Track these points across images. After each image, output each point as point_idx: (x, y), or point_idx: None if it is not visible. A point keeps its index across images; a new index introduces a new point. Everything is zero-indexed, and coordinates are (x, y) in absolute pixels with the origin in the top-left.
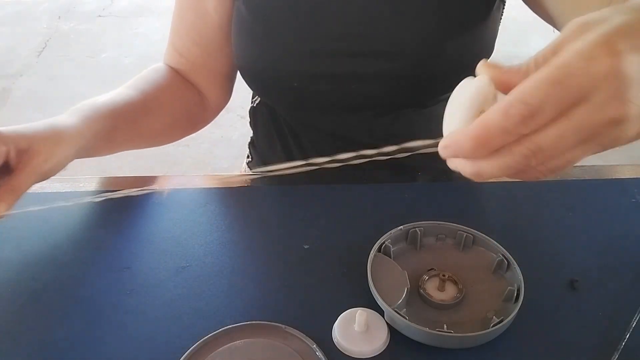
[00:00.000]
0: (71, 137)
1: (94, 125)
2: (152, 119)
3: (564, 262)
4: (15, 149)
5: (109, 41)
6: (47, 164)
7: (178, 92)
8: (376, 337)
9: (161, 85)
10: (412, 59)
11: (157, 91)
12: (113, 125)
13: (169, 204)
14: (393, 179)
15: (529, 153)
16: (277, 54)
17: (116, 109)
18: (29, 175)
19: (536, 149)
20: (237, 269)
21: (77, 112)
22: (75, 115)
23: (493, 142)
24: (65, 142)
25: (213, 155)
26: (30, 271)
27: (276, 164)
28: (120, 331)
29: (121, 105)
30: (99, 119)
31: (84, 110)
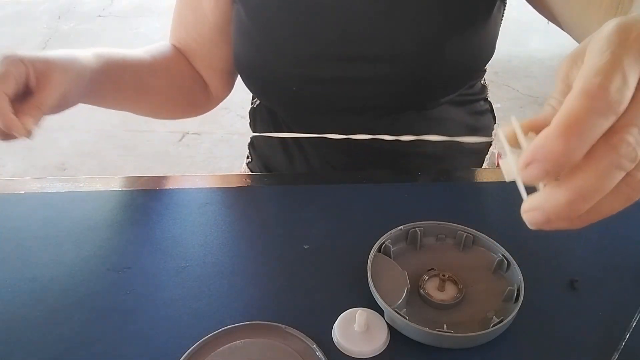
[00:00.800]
0: (84, 67)
1: (105, 65)
2: (158, 81)
3: (564, 262)
4: (34, 70)
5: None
6: (64, 85)
7: (183, 65)
8: (376, 337)
9: (168, 57)
10: (411, 62)
11: (165, 60)
12: (123, 74)
13: (169, 204)
14: (393, 179)
15: (633, 139)
16: (276, 58)
17: (127, 61)
18: (50, 92)
19: (637, 132)
20: (237, 269)
21: (91, 51)
22: (90, 52)
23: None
24: (80, 69)
25: (213, 155)
26: (30, 271)
27: (275, 164)
28: (120, 331)
29: (132, 60)
30: (110, 61)
31: (100, 52)
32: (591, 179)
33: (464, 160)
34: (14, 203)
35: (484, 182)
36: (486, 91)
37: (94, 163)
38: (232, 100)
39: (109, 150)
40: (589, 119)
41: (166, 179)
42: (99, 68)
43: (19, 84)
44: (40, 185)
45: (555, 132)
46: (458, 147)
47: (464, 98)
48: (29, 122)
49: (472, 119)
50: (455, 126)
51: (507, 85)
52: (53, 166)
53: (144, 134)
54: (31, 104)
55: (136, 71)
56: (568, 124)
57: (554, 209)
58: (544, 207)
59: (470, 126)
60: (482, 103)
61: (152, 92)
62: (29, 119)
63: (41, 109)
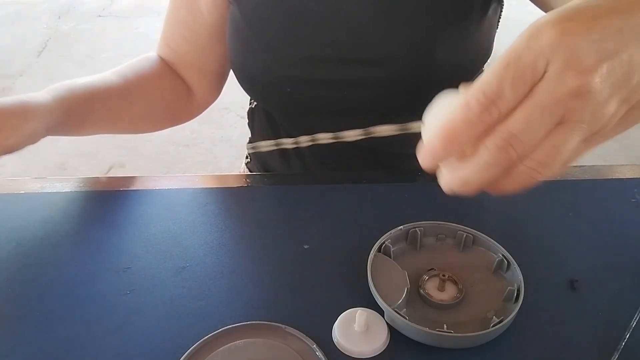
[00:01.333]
0: (40, 113)
1: (67, 104)
2: (130, 106)
3: (564, 262)
4: None
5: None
6: (11, 139)
7: (162, 82)
8: (376, 337)
9: (145, 74)
10: (403, 64)
11: (139, 79)
12: (88, 107)
13: (169, 204)
14: (393, 179)
15: (503, 143)
16: (270, 60)
17: (93, 91)
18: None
19: (509, 137)
20: (237, 269)
21: (52, 91)
22: (49, 94)
23: (460, 136)
24: (33, 119)
25: (213, 155)
26: (30, 271)
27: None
28: (120, 331)
29: (99, 88)
30: (73, 98)
31: (59, 89)
32: (470, 170)
33: None
34: (14, 203)
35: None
36: None
37: (94, 163)
38: (232, 100)
39: (109, 150)
40: (464, 128)
41: (166, 179)
42: (60, 113)
43: None
44: (40, 185)
45: (437, 132)
46: None
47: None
48: None
49: None
50: None
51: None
52: (53, 166)
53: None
54: None
55: (105, 101)
56: (445, 129)
57: (446, 180)
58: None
59: None
60: None
61: (125, 117)
62: None
63: None
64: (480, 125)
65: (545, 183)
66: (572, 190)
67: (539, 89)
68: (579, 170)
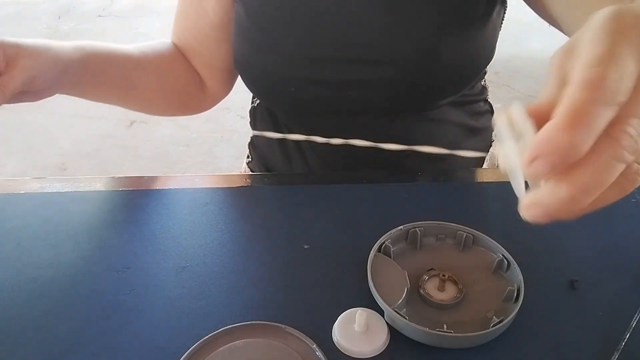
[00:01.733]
0: (60, 55)
1: (86, 56)
2: (145, 78)
3: (564, 262)
4: (4, 54)
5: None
6: (32, 70)
7: (176, 66)
8: (376, 337)
9: (162, 55)
10: (408, 65)
11: (157, 57)
12: (105, 65)
13: (169, 204)
14: (393, 179)
15: (632, 130)
16: (275, 60)
17: (111, 53)
18: (15, 76)
19: (637, 122)
20: (237, 269)
21: (73, 43)
22: (71, 44)
23: (593, 120)
24: (53, 56)
25: (213, 155)
26: (30, 271)
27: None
28: (120, 331)
29: (118, 52)
30: (93, 53)
31: (81, 43)
32: (594, 173)
33: (464, 161)
34: (14, 203)
35: (484, 182)
36: (486, 92)
37: (94, 163)
38: (232, 100)
39: (109, 150)
40: (594, 109)
41: (166, 179)
42: (78, 59)
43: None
44: (40, 185)
45: (561, 124)
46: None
47: (463, 99)
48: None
49: (472, 119)
50: (454, 127)
51: (507, 86)
52: (53, 166)
53: (144, 134)
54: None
55: (121, 66)
56: (573, 116)
57: (556, 205)
58: (546, 203)
59: (470, 127)
60: (482, 104)
61: (139, 88)
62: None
63: (3, 92)
64: (612, 104)
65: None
66: None
67: None
68: None
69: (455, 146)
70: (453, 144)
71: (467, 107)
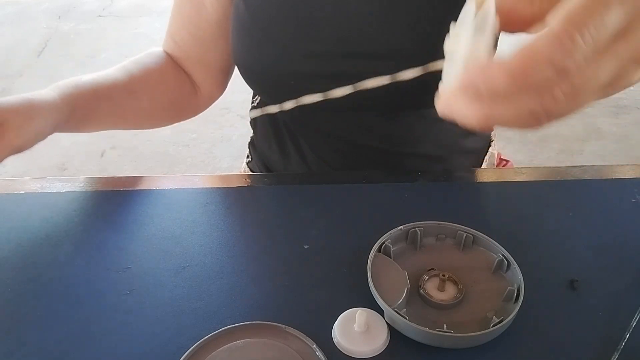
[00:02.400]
0: (47, 111)
1: (73, 102)
2: (135, 101)
3: (564, 262)
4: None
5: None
6: (19, 139)
7: (167, 77)
8: (376, 337)
9: (150, 69)
10: (409, 59)
11: (144, 74)
12: (94, 103)
13: (169, 204)
14: (393, 179)
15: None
16: (275, 54)
17: (99, 88)
18: (2, 149)
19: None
20: (237, 269)
21: (57, 88)
22: (55, 91)
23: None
24: (40, 117)
25: (213, 155)
26: (30, 271)
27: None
28: (120, 331)
29: (104, 84)
30: (79, 95)
31: (65, 86)
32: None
33: (463, 161)
34: (14, 203)
35: (484, 182)
36: None
37: (94, 163)
38: (232, 100)
39: (109, 150)
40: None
41: (166, 179)
42: (65, 110)
43: None
44: (40, 185)
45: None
46: (456, 147)
47: None
48: None
49: None
50: (453, 126)
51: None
52: (53, 166)
53: (144, 134)
54: None
55: (109, 98)
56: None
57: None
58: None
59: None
60: None
61: (131, 112)
62: None
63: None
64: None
65: (545, 183)
66: (572, 190)
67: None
68: (579, 170)
69: (454, 145)
70: (452, 143)
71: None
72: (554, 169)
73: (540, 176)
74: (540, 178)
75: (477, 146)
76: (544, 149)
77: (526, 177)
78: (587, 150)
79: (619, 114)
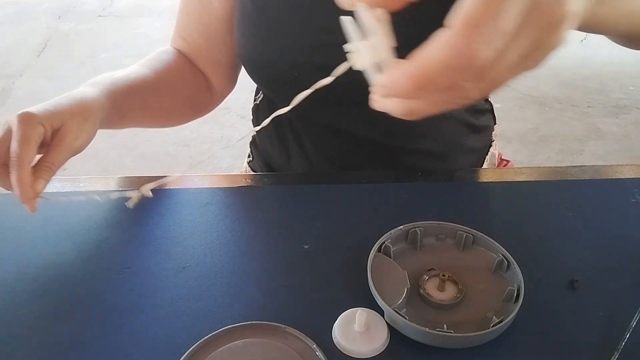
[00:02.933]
0: (97, 110)
1: (112, 99)
2: (162, 98)
3: (564, 262)
4: (51, 128)
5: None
6: (77, 141)
7: (185, 74)
8: (376, 337)
9: (171, 67)
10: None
11: (167, 71)
12: (128, 100)
13: (169, 204)
14: (393, 179)
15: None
16: (279, 46)
17: (132, 85)
18: (63, 152)
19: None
20: (237, 269)
21: (97, 84)
22: (97, 88)
23: (436, 81)
24: (93, 117)
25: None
26: (30, 271)
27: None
28: (120, 331)
29: (136, 81)
30: (117, 92)
31: (104, 83)
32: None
33: (464, 159)
34: (14, 203)
35: (484, 182)
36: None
37: (94, 163)
38: (232, 100)
39: (109, 150)
40: (445, 72)
41: (166, 179)
42: (109, 104)
43: (37, 146)
44: None
45: (409, 74)
46: (457, 145)
47: None
48: (41, 185)
49: (472, 117)
50: (455, 124)
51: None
52: None
53: (144, 134)
54: (43, 165)
55: (141, 94)
56: (422, 74)
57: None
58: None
59: (470, 125)
60: (483, 102)
61: (156, 110)
62: (41, 182)
63: (53, 169)
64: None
65: (546, 183)
66: (572, 190)
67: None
68: (579, 170)
69: (455, 143)
70: (453, 141)
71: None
72: (554, 169)
73: (540, 176)
74: (540, 178)
75: (479, 145)
76: (544, 149)
77: (526, 177)
78: (587, 150)
79: (619, 114)
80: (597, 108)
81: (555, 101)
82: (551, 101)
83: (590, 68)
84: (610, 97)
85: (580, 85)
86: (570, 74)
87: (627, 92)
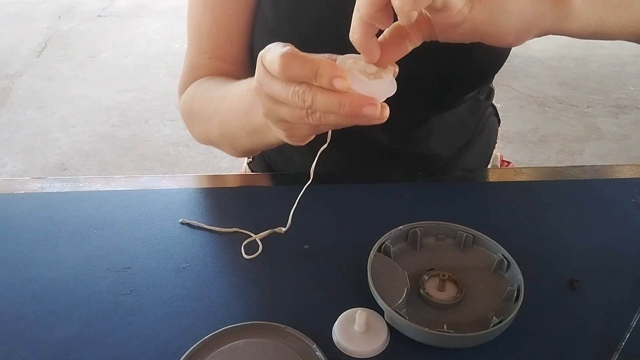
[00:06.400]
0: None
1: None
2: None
3: (564, 262)
4: None
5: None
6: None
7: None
8: (376, 337)
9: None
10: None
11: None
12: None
13: (169, 204)
14: (393, 179)
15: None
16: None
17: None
18: None
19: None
20: (237, 269)
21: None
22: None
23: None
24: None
25: (213, 155)
26: (30, 271)
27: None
28: (120, 331)
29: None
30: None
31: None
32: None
33: (469, 162)
34: (14, 203)
35: (484, 182)
36: (493, 94)
37: (94, 163)
38: None
39: (109, 150)
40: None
41: (166, 179)
42: None
43: None
44: (40, 185)
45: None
46: (460, 148)
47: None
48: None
49: (478, 121)
50: (458, 127)
51: (507, 85)
52: (53, 166)
53: (144, 134)
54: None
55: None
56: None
57: None
58: None
59: (473, 128)
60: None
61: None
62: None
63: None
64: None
65: (545, 183)
66: (572, 190)
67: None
68: (579, 170)
69: (459, 146)
70: (456, 144)
71: (472, 108)
72: (554, 169)
73: (540, 176)
74: (540, 178)
75: (481, 147)
76: (544, 149)
77: (526, 177)
78: (587, 150)
79: (619, 114)
80: (597, 108)
81: (555, 101)
82: (551, 101)
83: (590, 68)
84: (610, 97)
85: (580, 85)
86: (570, 74)
87: (627, 92)
